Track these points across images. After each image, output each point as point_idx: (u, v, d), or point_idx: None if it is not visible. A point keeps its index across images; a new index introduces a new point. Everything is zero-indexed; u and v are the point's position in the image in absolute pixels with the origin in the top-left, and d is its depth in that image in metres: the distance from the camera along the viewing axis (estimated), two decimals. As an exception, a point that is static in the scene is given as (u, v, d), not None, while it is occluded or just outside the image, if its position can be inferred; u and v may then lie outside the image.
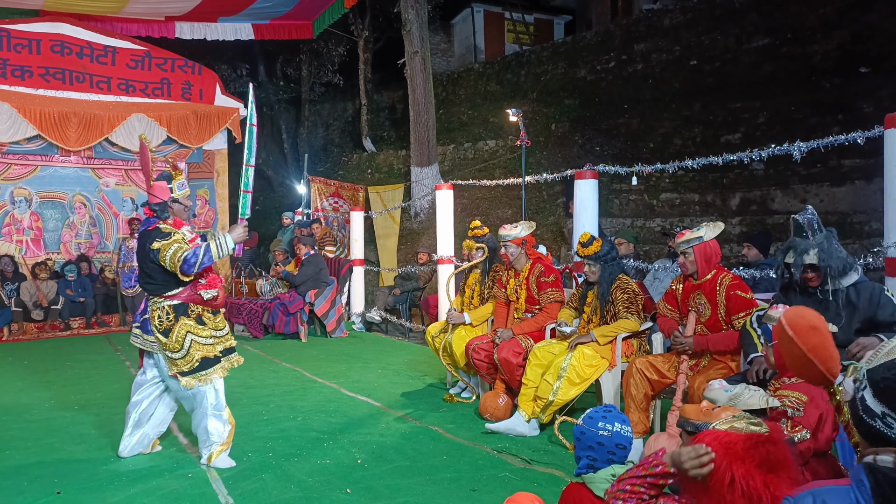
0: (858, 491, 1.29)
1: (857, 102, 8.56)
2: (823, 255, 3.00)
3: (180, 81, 10.70)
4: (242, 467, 3.48)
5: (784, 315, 1.88)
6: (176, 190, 3.61)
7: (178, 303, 3.50)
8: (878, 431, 1.33)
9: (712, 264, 3.56)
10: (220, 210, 11.21)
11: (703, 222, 3.69)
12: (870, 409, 1.34)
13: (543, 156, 11.85)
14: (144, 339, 3.57)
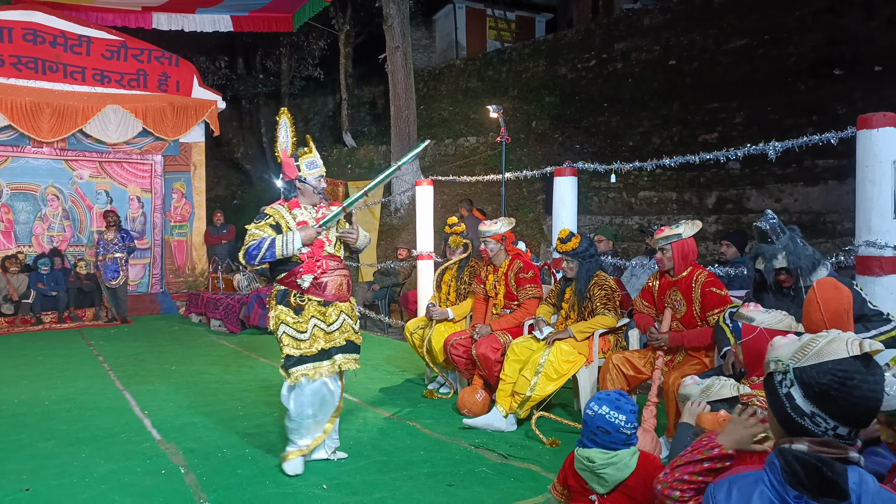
0: (770, 472, 1.36)
1: (831, 104, 8.71)
2: (791, 256, 3.06)
3: (157, 73, 10.54)
4: (217, 463, 3.44)
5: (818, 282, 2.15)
6: (304, 168, 3.40)
7: (283, 289, 3.36)
8: (803, 428, 1.38)
9: (689, 261, 3.61)
10: (197, 204, 11.08)
11: (682, 220, 3.73)
12: (799, 408, 1.39)
13: (524, 153, 11.89)
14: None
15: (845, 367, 1.35)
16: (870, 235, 3.35)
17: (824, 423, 1.36)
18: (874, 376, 1.36)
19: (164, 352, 6.74)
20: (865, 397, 1.34)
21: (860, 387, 1.34)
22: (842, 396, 1.34)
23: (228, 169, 16.02)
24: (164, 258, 10.73)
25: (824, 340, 1.41)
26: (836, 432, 1.36)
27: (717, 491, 1.42)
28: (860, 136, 3.41)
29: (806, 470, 1.32)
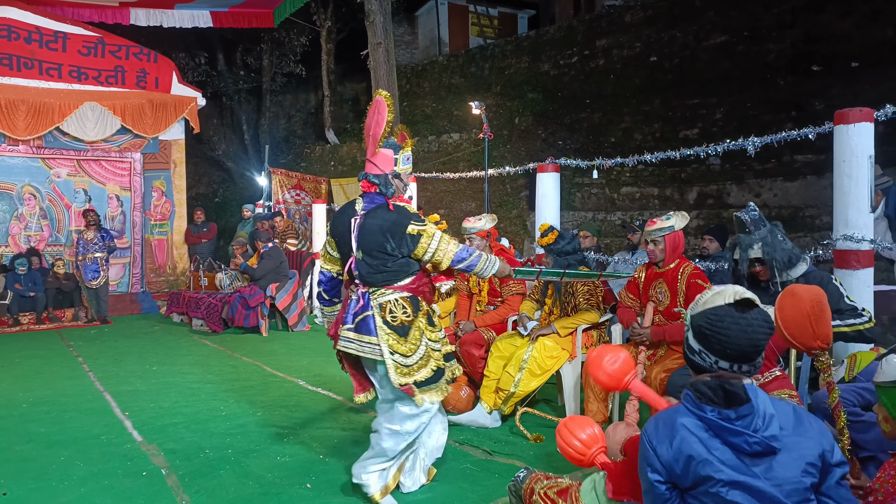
0: (685, 401, 1.66)
1: (809, 100, 8.82)
2: (767, 248, 3.09)
3: (135, 69, 10.40)
4: (199, 464, 3.40)
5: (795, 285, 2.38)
6: (401, 163, 2.91)
7: (411, 295, 2.83)
8: (696, 364, 1.75)
9: (678, 253, 3.65)
10: (177, 202, 10.96)
11: (671, 212, 3.76)
12: (691, 346, 1.76)
13: (507, 149, 11.91)
14: (365, 342, 2.77)
15: (718, 312, 1.70)
16: (847, 229, 3.40)
17: (708, 359, 1.71)
18: (745, 320, 1.67)
19: (145, 352, 6.66)
20: (734, 336, 1.66)
21: (730, 328, 1.67)
22: (714, 335, 1.69)
23: (209, 166, 15.86)
24: (144, 257, 10.60)
25: (710, 293, 1.75)
26: (719, 366, 1.69)
27: (647, 430, 1.67)
28: (837, 132, 3.45)
29: (712, 389, 1.62)
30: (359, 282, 2.84)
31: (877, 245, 3.41)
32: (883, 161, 4.93)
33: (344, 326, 2.82)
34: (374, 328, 2.75)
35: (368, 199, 2.84)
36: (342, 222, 2.89)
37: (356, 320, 2.79)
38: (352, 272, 2.86)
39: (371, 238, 2.77)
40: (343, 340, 2.82)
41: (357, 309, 2.80)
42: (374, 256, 2.78)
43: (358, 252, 2.81)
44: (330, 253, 3.02)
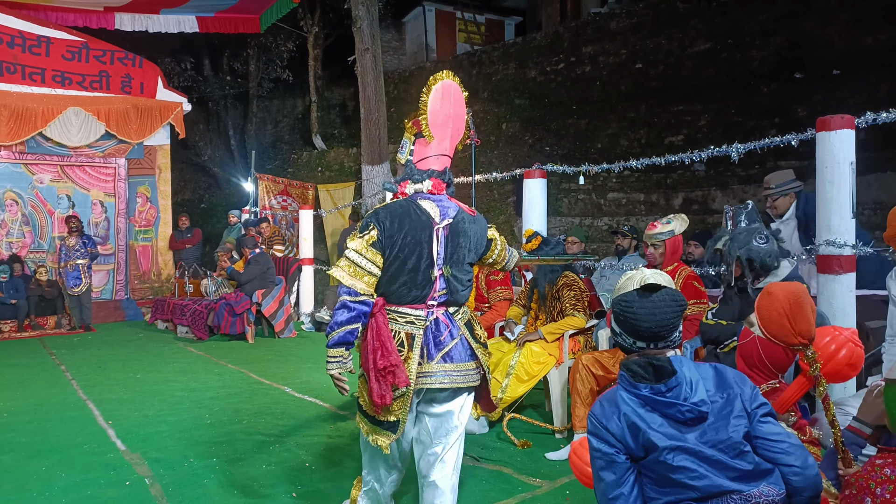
0: (621, 381, 1.80)
1: (792, 106, 8.93)
2: (732, 244, 3.08)
3: (120, 74, 10.32)
4: (183, 473, 3.37)
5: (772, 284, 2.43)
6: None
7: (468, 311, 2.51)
8: (621, 345, 1.87)
9: (676, 257, 3.68)
10: (162, 208, 10.86)
11: (672, 215, 3.78)
12: (613, 329, 1.89)
13: (494, 155, 11.93)
14: (463, 371, 2.36)
15: (627, 298, 1.82)
16: (830, 235, 3.44)
17: (627, 340, 1.84)
18: (651, 303, 1.78)
19: (129, 360, 6.59)
20: (641, 318, 1.78)
21: (638, 312, 1.79)
22: (623, 318, 1.82)
23: (195, 172, 15.75)
24: (128, 264, 10.49)
25: (624, 279, 1.89)
26: (637, 346, 1.81)
27: (594, 411, 1.80)
28: (819, 138, 3.49)
29: (642, 367, 1.76)
30: (435, 303, 2.32)
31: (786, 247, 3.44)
32: (863, 167, 5.00)
33: (431, 362, 2.29)
34: (471, 352, 2.37)
35: (442, 204, 2.36)
36: (413, 231, 2.28)
37: (444, 350, 2.31)
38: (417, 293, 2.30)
39: (463, 250, 2.36)
40: (441, 375, 2.30)
41: (444, 336, 2.32)
42: (464, 271, 2.38)
43: (446, 268, 2.32)
44: (369, 270, 2.26)
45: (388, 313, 2.32)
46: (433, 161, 2.39)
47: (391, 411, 2.30)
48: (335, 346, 2.27)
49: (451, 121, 2.39)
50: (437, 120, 2.36)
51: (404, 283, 2.29)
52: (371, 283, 2.27)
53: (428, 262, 2.29)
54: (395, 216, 2.29)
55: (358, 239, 2.28)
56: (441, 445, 2.39)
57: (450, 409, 2.39)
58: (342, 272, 2.27)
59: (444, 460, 2.39)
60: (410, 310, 2.32)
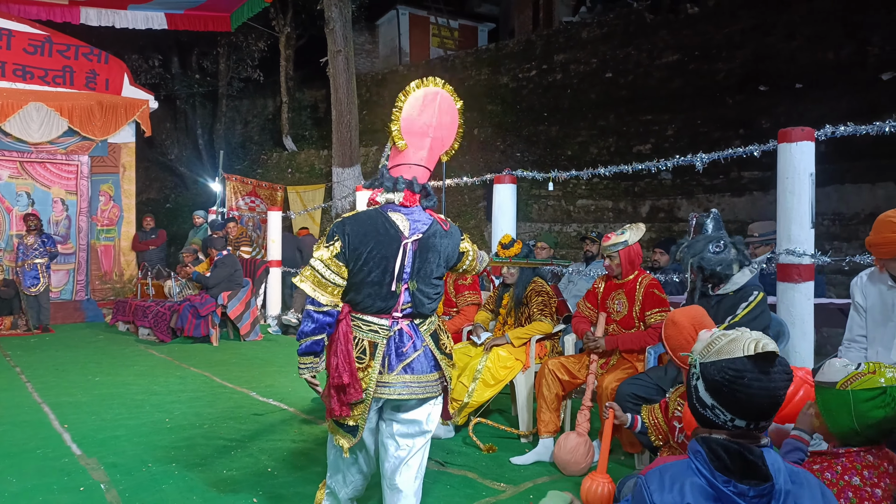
0: (696, 460, 1.46)
1: (756, 118, 9.15)
2: (687, 251, 3.17)
3: (84, 70, 10.08)
4: (141, 478, 3.28)
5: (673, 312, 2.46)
6: None
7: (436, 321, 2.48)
8: (708, 419, 1.53)
9: (635, 266, 3.71)
10: (125, 207, 10.62)
11: (627, 225, 3.82)
12: (702, 399, 1.54)
13: (466, 160, 11.97)
14: (424, 381, 2.32)
15: (737, 367, 1.48)
16: (790, 244, 3.52)
17: (723, 416, 1.50)
18: (767, 375, 1.47)
19: (87, 362, 6.41)
20: (756, 394, 1.46)
21: (750, 385, 1.46)
22: (733, 392, 1.47)
23: (161, 171, 15.46)
24: (89, 264, 10.23)
25: (726, 339, 1.54)
26: (735, 424, 1.48)
27: (649, 481, 1.46)
28: (781, 150, 3.57)
29: (730, 455, 1.42)
30: (400, 315, 2.29)
31: None
32: (823, 179, 5.14)
33: (391, 373, 2.26)
34: (435, 363, 2.35)
35: (416, 216, 2.31)
36: (379, 244, 2.23)
37: (407, 361, 2.28)
38: (382, 303, 2.26)
39: (431, 266, 2.31)
40: (399, 386, 2.27)
41: (407, 347, 2.29)
42: (431, 285, 2.33)
43: (412, 282, 2.28)
44: (333, 282, 2.22)
45: (353, 320, 2.29)
46: (405, 170, 2.31)
47: (352, 416, 2.29)
48: (304, 355, 2.27)
49: (430, 130, 2.32)
50: (413, 128, 2.30)
51: (369, 294, 2.26)
52: (336, 293, 2.24)
53: (393, 277, 2.25)
54: (362, 228, 2.24)
55: (323, 249, 2.25)
56: (406, 450, 2.36)
57: (416, 418, 2.36)
58: (307, 283, 2.24)
59: (408, 465, 2.36)
60: (375, 319, 2.29)
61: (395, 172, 2.33)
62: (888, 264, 2.67)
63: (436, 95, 2.34)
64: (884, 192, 7.16)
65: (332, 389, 2.24)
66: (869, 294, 2.83)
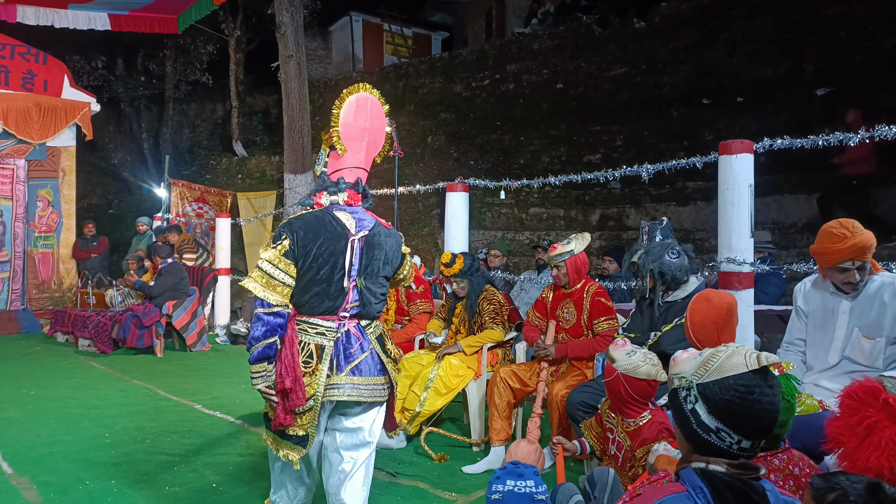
0: (697, 497, 1.36)
1: (700, 131, 9.45)
2: (646, 257, 3.27)
3: (21, 70, 9.66)
4: (77, 497, 3.13)
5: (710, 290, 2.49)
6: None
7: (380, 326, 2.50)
8: (710, 444, 1.42)
9: (582, 275, 3.77)
10: (65, 213, 10.19)
11: (572, 234, 3.87)
12: (704, 423, 1.43)
13: (419, 167, 11.97)
14: (372, 385, 2.32)
15: (746, 382, 1.40)
16: (730, 252, 3.63)
17: (729, 438, 1.40)
18: (771, 388, 1.42)
19: (22, 375, 6.11)
20: (766, 410, 1.40)
21: (760, 400, 1.39)
22: (744, 411, 1.39)
23: (104, 176, 14.92)
24: (26, 272, 9.76)
25: (724, 355, 1.46)
26: (741, 446, 1.40)
27: None
28: (721, 161, 3.69)
29: (735, 494, 1.34)
30: (347, 315, 2.30)
31: None
32: (763, 190, 5.33)
33: (339, 374, 2.26)
34: (381, 366, 2.35)
35: (358, 216, 2.37)
36: (327, 241, 2.26)
37: (354, 363, 2.28)
38: (329, 303, 2.27)
39: (377, 263, 2.35)
40: (348, 388, 2.26)
41: (354, 348, 2.30)
42: (378, 283, 2.37)
43: (360, 279, 2.31)
44: (283, 281, 2.22)
45: (298, 324, 2.27)
46: (346, 173, 2.38)
47: (299, 425, 2.25)
48: (257, 362, 2.21)
49: (366, 133, 2.39)
50: (351, 133, 2.37)
51: (317, 293, 2.25)
52: (285, 293, 2.22)
53: (341, 273, 2.26)
54: (310, 226, 2.26)
55: (271, 249, 2.23)
56: (351, 463, 2.33)
57: (360, 426, 2.35)
58: (255, 283, 2.21)
59: (353, 478, 2.34)
60: (322, 321, 2.28)
61: (335, 176, 2.39)
62: (829, 273, 2.79)
63: (367, 100, 2.40)
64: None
65: (279, 397, 2.21)
66: (811, 299, 2.94)
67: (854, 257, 2.65)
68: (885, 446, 1.83)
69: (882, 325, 2.65)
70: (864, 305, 2.72)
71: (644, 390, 2.50)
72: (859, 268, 2.68)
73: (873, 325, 2.68)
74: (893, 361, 2.65)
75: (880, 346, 2.65)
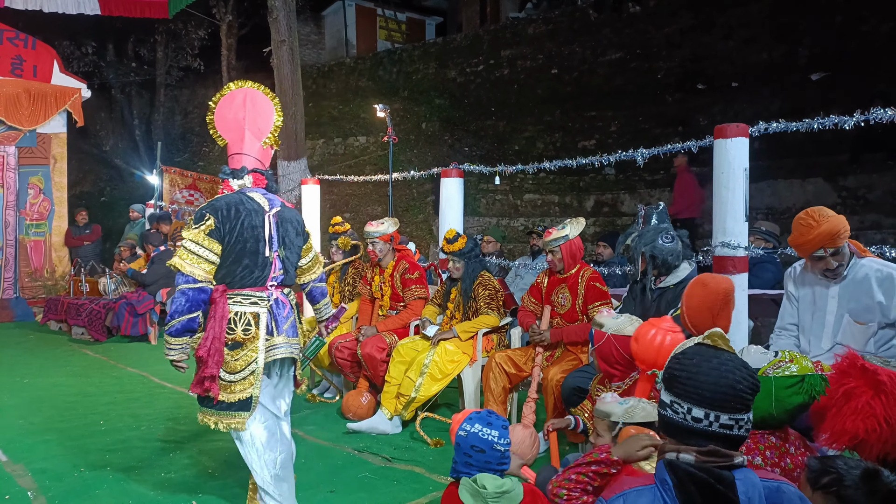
0: (662, 489, 1.36)
1: (694, 116, 9.43)
2: (639, 240, 3.26)
3: (10, 55, 9.54)
4: (72, 484, 3.13)
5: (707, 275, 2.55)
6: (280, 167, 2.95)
7: None
8: (670, 420, 1.45)
9: (577, 260, 3.76)
10: (56, 200, 10.11)
11: (567, 220, 3.86)
12: (662, 401, 1.49)
13: (414, 154, 11.91)
14: (295, 344, 2.68)
15: (687, 352, 1.50)
16: (725, 237, 3.62)
17: (680, 409, 1.43)
18: (718, 359, 1.45)
19: (16, 363, 6.09)
20: (704, 378, 1.42)
21: (699, 366, 1.44)
22: (684, 376, 1.44)
23: (96, 163, 14.80)
24: (18, 260, 9.70)
25: (686, 343, 1.61)
26: (692, 415, 1.40)
27: None
28: (717, 146, 3.68)
29: (699, 487, 1.32)
30: (275, 284, 2.61)
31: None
32: (757, 175, 5.34)
33: (278, 335, 2.58)
34: (296, 329, 2.69)
35: (269, 196, 2.67)
36: (247, 219, 2.52)
37: (286, 324, 2.62)
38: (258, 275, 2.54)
39: (291, 235, 2.68)
40: (285, 347, 2.60)
41: (286, 311, 2.64)
42: (295, 254, 2.72)
43: (281, 250, 2.62)
44: (207, 258, 2.45)
45: (232, 297, 2.50)
46: (240, 159, 2.65)
47: (243, 390, 2.49)
48: (179, 335, 2.43)
49: (243, 123, 2.66)
50: (226, 125, 2.69)
51: (246, 266, 2.51)
52: (210, 270, 2.46)
53: (266, 245, 2.55)
54: (231, 205, 2.54)
55: (194, 230, 2.46)
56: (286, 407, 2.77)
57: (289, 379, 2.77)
58: (181, 261, 2.42)
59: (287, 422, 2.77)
60: (254, 292, 2.55)
61: (234, 164, 2.67)
62: (809, 261, 2.80)
63: (242, 93, 2.70)
64: (813, 188, 7.50)
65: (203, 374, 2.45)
66: (801, 284, 2.95)
67: (825, 245, 2.65)
68: (861, 409, 1.86)
69: (872, 310, 2.66)
70: (852, 290, 2.73)
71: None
72: (833, 254, 2.68)
73: (863, 310, 2.69)
74: (884, 344, 2.67)
75: (871, 330, 2.66)
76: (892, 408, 1.85)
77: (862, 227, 6.77)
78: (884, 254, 2.97)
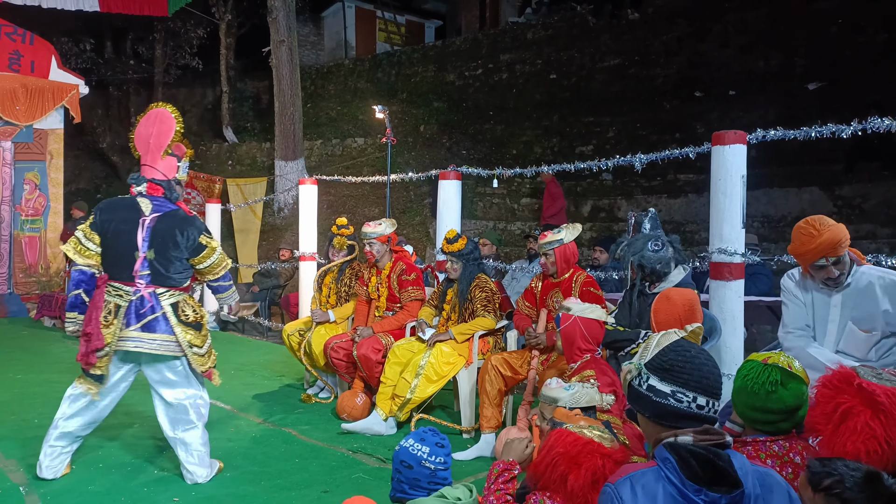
0: (666, 468, 1.43)
1: (691, 123, 9.48)
2: (627, 249, 3.29)
3: (7, 50, 9.50)
4: (65, 481, 3.12)
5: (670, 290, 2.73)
6: (181, 171, 3.21)
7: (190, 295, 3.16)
8: (672, 409, 1.53)
9: (570, 264, 3.77)
10: (52, 196, 10.08)
11: (563, 225, 3.88)
12: (661, 391, 1.55)
13: (412, 156, 11.93)
14: (160, 341, 2.94)
15: (681, 344, 1.60)
16: (722, 243, 3.64)
17: (685, 397, 1.52)
18: (704, 353, 1.60)
19: (9, 359, 6.06)
20: (706, 365, 1.55)
21: (698, 356, 1.56)
22: (688, 366, 1.54)
23: (92, 160, 14.77)
24: (12, 256, 9.66)
25: (658, 336, 1.66)
26: (697, 403, 1.51)
27: (620, 490, 1.43)
28: (714, 152, 3.70)
29: (700, 463, 1.40)
30: (143, 282, 2.93)
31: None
32: (753, 183, 5.37)
33: (128, 329, 2.90)
34: (169, 327, 2.94)
35: (158, 202, 3.01)
36: (123, 219, 2.95)
37: (144, 321, 2.90)
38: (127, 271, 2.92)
39: (167, 241, 2.94)
40: (132, 342, 2.91)
41: (145, 310, 2.92)
42: (167, 259, 2.96)
43: (149, 252, 2.93)
44: (88, 247, 2.97)
45: (108, 287, 2.92)
46: (145, 170, 3.06)
47: (99, 366, 2.93)
48: (70, 310, 3.00)
49: (151, 138, 3.05)
50: (140, 140, 3.10)
51: (117, 261, 2.94)
52: (91, 257, 2.98)
53: (132, 247, 2.91)
54: (113, 207, 3.03)
55: (84, 223, 3.01)
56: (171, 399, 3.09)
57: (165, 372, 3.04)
58: (70, 247, 2.99)
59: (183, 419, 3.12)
60: (122, 285, 2.93)
61: (143, 173, 3.07)
62: (810, 270, 2.78)
63: (155, 112, 3.12)
64: (809, 197, 7.54)
65: (83, 341, 2.90)
66: (804, 290, 2.88)
67: (827, 254, 2.62)
68: (860, 430, 1.84)
69: (876, 318, 2.65)
70: (855, 298, 2.71)
71: (596, 330, 2.88)
72: (835, 263, 2.66)
73: (867, 318, 2.67)
74: (886, 352, 2.66)
75: (874, 338, 2.66)
76: (892, 428, 1.83)
77: (857, 236, 6.80)
78: (880, 262, 2.98)
